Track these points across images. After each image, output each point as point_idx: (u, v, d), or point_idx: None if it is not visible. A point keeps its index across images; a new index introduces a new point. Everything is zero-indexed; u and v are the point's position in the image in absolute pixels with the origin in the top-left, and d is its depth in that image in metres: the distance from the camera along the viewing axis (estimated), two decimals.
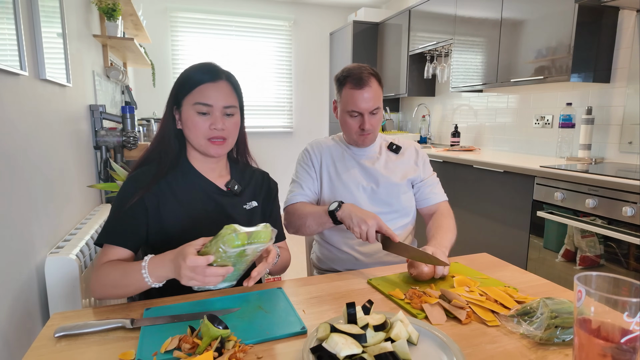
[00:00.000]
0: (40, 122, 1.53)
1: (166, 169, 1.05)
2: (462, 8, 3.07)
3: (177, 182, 1.05)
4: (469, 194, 2.65)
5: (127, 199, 1.00)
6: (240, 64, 4.62)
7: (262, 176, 1.21)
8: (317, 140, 1.51)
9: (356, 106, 1.32)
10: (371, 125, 1.35)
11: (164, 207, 1.02)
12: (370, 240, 1.10)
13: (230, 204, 1.09)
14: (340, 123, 1.41)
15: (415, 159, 1.47)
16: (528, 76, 2.48)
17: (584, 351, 0.56)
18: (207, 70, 1.03)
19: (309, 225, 1.28)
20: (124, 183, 1.04)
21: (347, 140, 1.46)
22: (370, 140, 1.41)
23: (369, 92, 1.31)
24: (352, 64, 1.38)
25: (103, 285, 0.91)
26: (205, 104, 1.00)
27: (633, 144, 2.23)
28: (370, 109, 1.33)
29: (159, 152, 1.07)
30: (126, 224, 0.99)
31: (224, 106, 1.02)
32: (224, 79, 1.04)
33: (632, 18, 2.21)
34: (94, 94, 2.42)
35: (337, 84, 1.39)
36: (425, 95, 4.01)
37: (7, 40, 1.26)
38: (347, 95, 1.34)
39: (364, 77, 1.31)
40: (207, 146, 1.03)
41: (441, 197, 1.46)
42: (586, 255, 1.88)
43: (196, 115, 1.01)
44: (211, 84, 1.01)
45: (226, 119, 1.04)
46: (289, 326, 0.79)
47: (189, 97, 1.02)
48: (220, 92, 1.02)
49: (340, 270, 1.40)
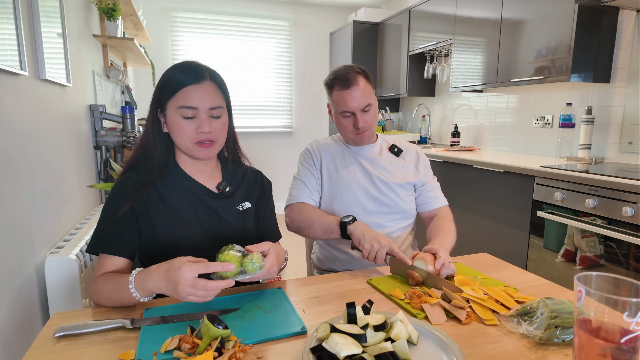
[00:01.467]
0: (40, 122, 1.53)
1: (154, 174, 1.02)
2: (462, 8, 3.07)
3: (165, 186, 1.03)
4: (469, 194, 2.65)
5: (117, 207, 0.97)
6: (240, 64, 4.62)
7: (255, 175, 1.18)
8: (317, 140, 1.51)
9: (347, 106, 1.33)
10: (365, 122, 1.35)
11: (153, 212, 1.00)
12: (378, 260, 1.10)
13: (222, 206, 1.07)
14: (336, 125, 1.42)
15: (416, 163, 1.47)
16: (528, 76, 2.48)
17: (584, 351, 0.56)
18: (189, 71, 0.98)
19: (315, 230, 1.28)
20: (112, 190, 1.01)
21: (345, 140, 1.46)
22: (367, 137, 1.40)
23: (357, 91, 1.32)
24: (339, 66, 1.39)
25: (100, 297, 0.90)
26: (190, 107, 0.96)
27: (633, 144, 2.23)
28: (361, 106, 1.33)
29: (145, 157, 1.04)
30: (119, 233, 0.96)
31: (210, 108, 0.98)
32: (208, 79, 0.99)
33: (632, 18, 2.21)
34: (94, 94, 2.42)
35: (326, 88, 1.40)
36: (425, 95, 4.01)
37: (7, 40, 1.26)
38: (337, 97, 1.35)
39: (350, 77, 1.32)
40: (195, 150, 1.00)
41: (442, 202, 1.46)
42: (586, 255, 1.88)
43: (181, 119, 0.97)
44: (195, 85, 0.97)
45: (213, 121, 1.00)
46: (289, 326, 0.79)
47: (173, 101, 0.98)
48: (204, 93, 0.97)
49: (339, 270, 1.40)
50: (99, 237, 0.97)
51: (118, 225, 0.97)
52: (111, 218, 0.97)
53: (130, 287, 0.83)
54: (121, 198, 0.98)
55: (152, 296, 0.86)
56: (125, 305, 0.88)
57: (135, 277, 0.84)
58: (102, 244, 0.96)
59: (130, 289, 0.83)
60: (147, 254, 1.01)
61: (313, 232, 1.29)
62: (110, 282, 0.89)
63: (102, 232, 0.97)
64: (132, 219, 0.98)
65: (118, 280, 0.88)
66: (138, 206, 0.99)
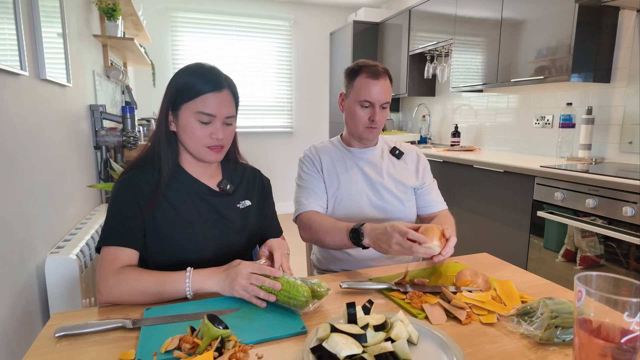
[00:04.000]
0: (40, 122, 1.53)
1: (167, 173, 1.03)
2: (462, 8, 3.07)
3: (168, 185, 1.04)
4: (469, 194, 2.65)
5: (125, 202, 0.98)
6: (241, 64, 4.62)
7: (254, 174, 1.20)
8: (314, 145, 1.48)
9: (369, 96, 1.32)
10: (380, 119, 1.35)
11: (157, 210, 1.01)
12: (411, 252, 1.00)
13: (224, 204, 1.09)
14: (348, 114, 1.39)
15: (417, 165, 1.46)
16: (528, 76, 2.48)
17: (584, 351, 0.56)
18: (210, 79, 1.00)
19: (329, 244, 1.23)
20: (116, 186, 1.02)
21: (350, 134, 1.43)
22: (374, 135, 1.39)
23: (383, 86, 1.32)
24: (364, 59, 1.38)
25: (127, 290, 0.88)
26: (208, 114, 0.99)
27: (633, 144, 2.23)
28: (382, 101, 1.33)
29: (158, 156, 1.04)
30: (131, 226, 0.97)
31: (226, 116, 1.02)
32: (227, 88, 1.03)
33: (632, 18, 2.21)
34: (94, 94, 2.42)
35: (349, 75, 1.37)
36: (426, 95, 4.01)
37: (8, 40, 1.26)
38: (362, 84, 1.33)
39: (379, 70, 1.33)
40: (206, 153, 1.03)
41: (441, 205, 1.45)
42: (586, 255, 1.88)
43: (197, 123, 1.00)
44: (215, 93, 0.99)
45: (226, 128, 1.03)
46: (289, 326, 0.79)
47: (190, 104, 0.99)
48: (223, 102, 1.01)
49: (337, 270, 1.40)
50: (112, 230, 0.97)
51: (129, 219, 0.97)
52: (122, 212, 0.98)
53: (187, 281, 0.87)
54: (128, 193, 0.99)
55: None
56: (155, 301, 0.89)
57: (193, 274, 0.88)
58: (118, 237, 0.96)
59: (186, 284, 0.87)
60: (150, 252, 1.01)
61: (328, 245, 1.24)
62: (150, 275, 0.89)
63: (115, 225, 0.97)
64: (139, 214, 0.99)
65: (161, 274, 0.89)
66: (142, 201, 1.00)
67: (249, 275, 0.86)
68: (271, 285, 0.85)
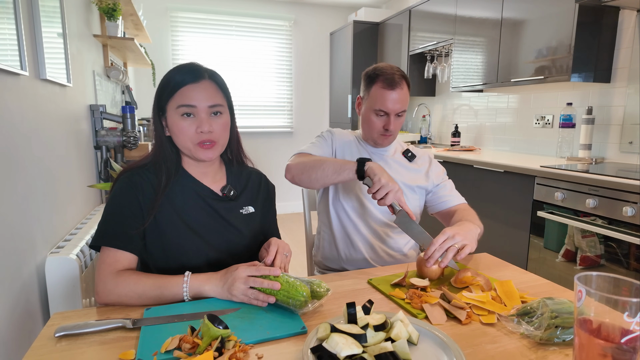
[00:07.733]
0: (40, 122, 1.53)
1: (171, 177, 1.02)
2: (462, 8, 3.07)
3: (171, 188, 1.02)
4: (469, 194, 2.63)
5: (126, 202, 0.97)
6: (241, 64, 4.62)
7: (260, 179, 1.18)
8: (339, 129, 1.48)
9: (384, 106, 1.31)
10: (395, 127, 1.34)
11: (159, 212, 0.99)
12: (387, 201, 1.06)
13: (226, 209, 1.07)
14: (363, 120, 1.39)
15: (427, 169, 1.45)
16: (528, 76, 2.48)
17: (584, 351, 0.56)
18: (187, 71, 0.98)
19: (325, 168, 1.20)
20: (117, 184, 1.00)
21: (366, 137, 1.43)
22: (389, 142, 1.40)
23: (399, 94, 1.30)
24: (383, 64, 1.36)
25: (125, 293, 0.88)
26: (188, 105, 0.96)
27: (633, 144, 2.23)
28: (398, 111, 1.32)
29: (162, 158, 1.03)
30: (131, 230, 0.95)
31: (209, 105, 0.97)
32: (207, 78, 0.99)
33: (632, 18, 2.21)
34: (94, 94, 2.42)
35: (366, 80, 1.36)
36: (426, 95, 4.01)
37: (8, 40, 1.26)
38: (377, 94, 1.32)
39: (396, 79, 1.30)
40: (197, 151, 0.99)
41: (458, 199, 1.42)
42: (586, 255, 1.88)
43: (180, 119, 0.97)
44: (193, 84, 0.97)
45: (213, 120, 0.99)
46: (289, 326, 0.79)
47: (172, 101, 0.97)
48: (203, 91, 0.97)
49: (336, 268, 1.41)
50: (112, 231, 0.95)
51: (130, 222, 0.96)
52: (123, 213, 0.96)
53: (184, 286, 0.88)
54: (129, 193, 0.97)
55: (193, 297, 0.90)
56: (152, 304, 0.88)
57: (191, 279, 0.88)
58: (119, 239, 0.94)
59: (184, 288, 0.88)
60: (152, 254, 1.00)
61: (322, 171, 1.21)
62: (149, 279, 0.89)
63: (115, 226, 0.95)
64: (140, 216, 0.97)
65: (160, 278, 0.89)
66: (144, 204, 0.98)
67: (247, 279, 0.85)
68: (270, 285, 0.84)
